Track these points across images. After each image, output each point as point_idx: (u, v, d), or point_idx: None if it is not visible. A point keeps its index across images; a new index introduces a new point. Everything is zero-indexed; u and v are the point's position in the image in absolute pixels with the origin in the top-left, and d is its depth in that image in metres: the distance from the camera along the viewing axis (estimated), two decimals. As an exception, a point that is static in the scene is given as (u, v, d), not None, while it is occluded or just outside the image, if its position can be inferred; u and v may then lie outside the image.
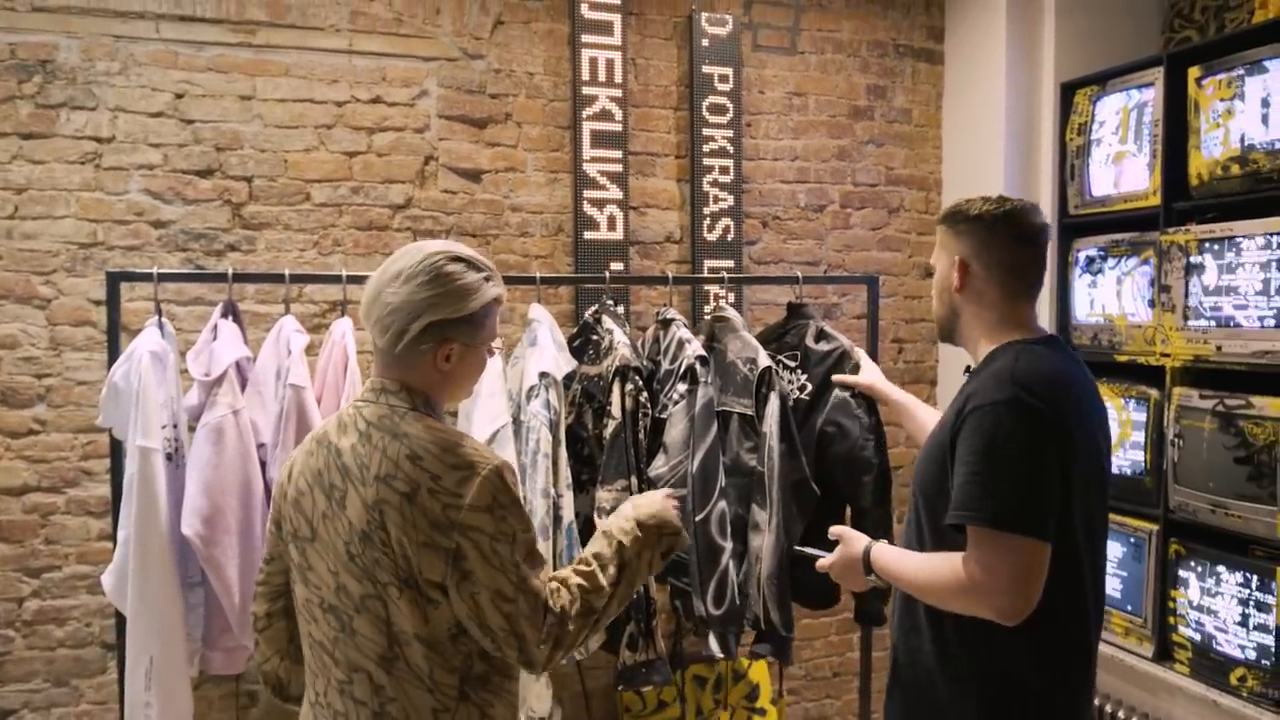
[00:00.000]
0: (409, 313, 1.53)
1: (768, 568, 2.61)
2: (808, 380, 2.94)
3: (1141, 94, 3.14)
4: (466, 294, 1.54)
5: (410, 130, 3.24)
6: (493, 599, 1.48)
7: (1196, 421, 2.89)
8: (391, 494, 1.48)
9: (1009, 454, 1.60)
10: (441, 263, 1.55)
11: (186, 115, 3.02)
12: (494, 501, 1.49)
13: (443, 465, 1.49)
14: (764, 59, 3.64)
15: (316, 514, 1.57)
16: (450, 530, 1.47)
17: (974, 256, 1.80)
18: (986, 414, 1.63)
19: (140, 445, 2.36)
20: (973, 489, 1.61)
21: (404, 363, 1.57)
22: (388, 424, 1.54)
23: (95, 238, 2.98)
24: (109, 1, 2.94)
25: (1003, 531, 1.58)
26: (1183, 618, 2.96)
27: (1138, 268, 3.17)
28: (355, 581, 1.51)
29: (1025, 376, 1.66)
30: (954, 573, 1.63)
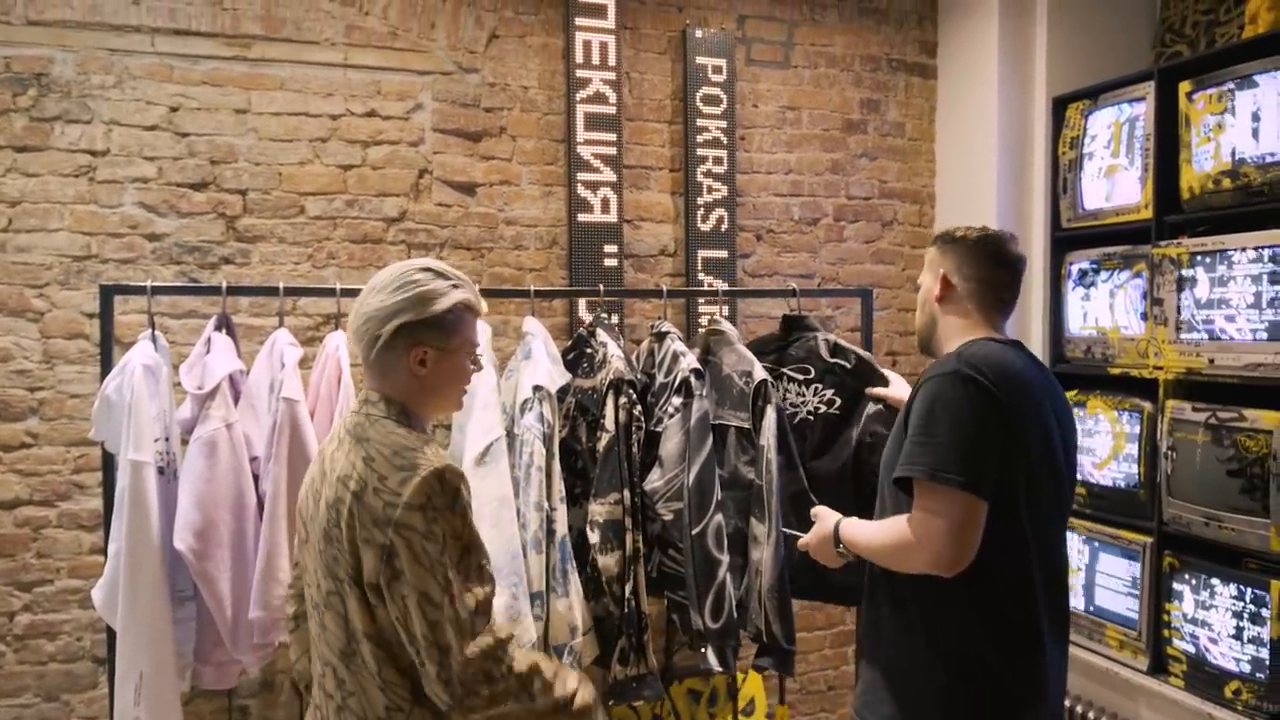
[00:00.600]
0: (381, 318, 1.62)
1: (768, 581, 2.60)
2: (835, 395, 2.90)
3: (1133, 108, 3.16)
4: (432, 297, 1.63)
5: (405, 144, 3.25)
6: (419, 602, 1.51)
7: (1189, 434, 2.89)
8: (345, 493, 1.57)
9: (947, 415, 1.76)
10: (410, 272, 1.66)
11: (181, 128, 3.03)
12: (428, 502, 1.53)
13: (390, 466, 1.56)
14: (757, 73, 3.66)
15: (309, 518, 1.68)
16: (386, 527, 1.52)
17: (955, 271, 2.01)
18: (930, 385, 1.81)
19: (132, 459, 2.35)
20: (913, 448, 1.77)
21: (382, 370, 1.66)
22: (358, 431, 1.63)
23: (89, 251, 2.97)
24: (105, 15, 2.94)
25: (938, 484, 1.73)
26: (1177, 630, 2.96)
27: (1130, 281, 3.18)
28: (324, 579, 1.60)
29: (969, 356, 1.83)
30: (899, 529, 1.80)
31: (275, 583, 2.42)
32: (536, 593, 2.58)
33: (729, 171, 3.56)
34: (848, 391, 2.86)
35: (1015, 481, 1.80)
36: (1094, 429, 3.29)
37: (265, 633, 2.44)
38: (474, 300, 1.70)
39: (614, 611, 2.65)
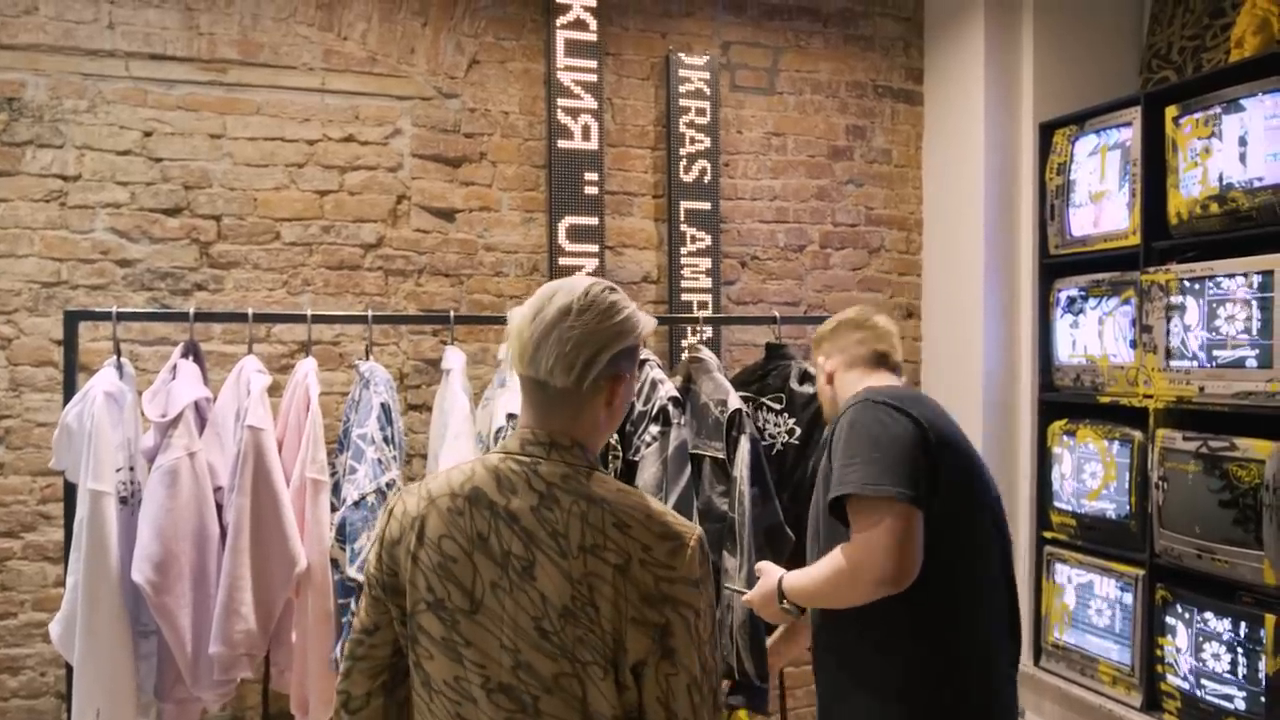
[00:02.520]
0: (597, 344, 1.42)
1: (739, 616, 2.53)
2: (796, 424, 2.87)
3: (1120, 133, 3.13)
4: (636, 324, 1.47)
5: (383, 169, 3.21)
6: (688, 685, 1.38)
7: (1181, 464, 2.83)
8: (603, 567, 1.36)
9: (868, 435, 1.78)
10: (605, 294, 1.47)
11: (155, 153, 2.99)
12: (702, 575, 1.40)
13: (650, 534, 1.38)
14: (742, 99, 3.63)
15: (481, 583, 1.40)
16: (662, 605, 1.36)
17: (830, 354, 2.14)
18: (844, 416, 1.85)
19: (91, 488, 2.29)
20: (841, 473, 1.77)
21: (578, 404, 1.43)
22: (576, 486, 1.40)
23: (59, 276, 2.93)
24: (79, 39, 2.92)
25: (867, 497, 1.73)
26: (1171, 666, 2.88)
27: (1119, 308, 3.13)
28: (548, 660, 1.36)
29: (874, 391, 1.89)
30: (838, 559, 1.78)
31: (237, 617, 2.35)
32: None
33: (713, 198, 3.52)
34: (805, 422, 2.80)
35: (947, 496, 1.81)
36: (1084, 459, 3.22)
37: (226, 669, 2.36)
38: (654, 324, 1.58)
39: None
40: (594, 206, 3.38)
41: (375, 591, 1.46)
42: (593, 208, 3.37)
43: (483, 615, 1.38)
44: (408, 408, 3.24)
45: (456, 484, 1.44)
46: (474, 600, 1.39)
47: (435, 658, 1.41)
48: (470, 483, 1.42)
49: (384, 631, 1.47)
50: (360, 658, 1.49)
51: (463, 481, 1.43)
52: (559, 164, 3.33)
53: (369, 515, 2.41)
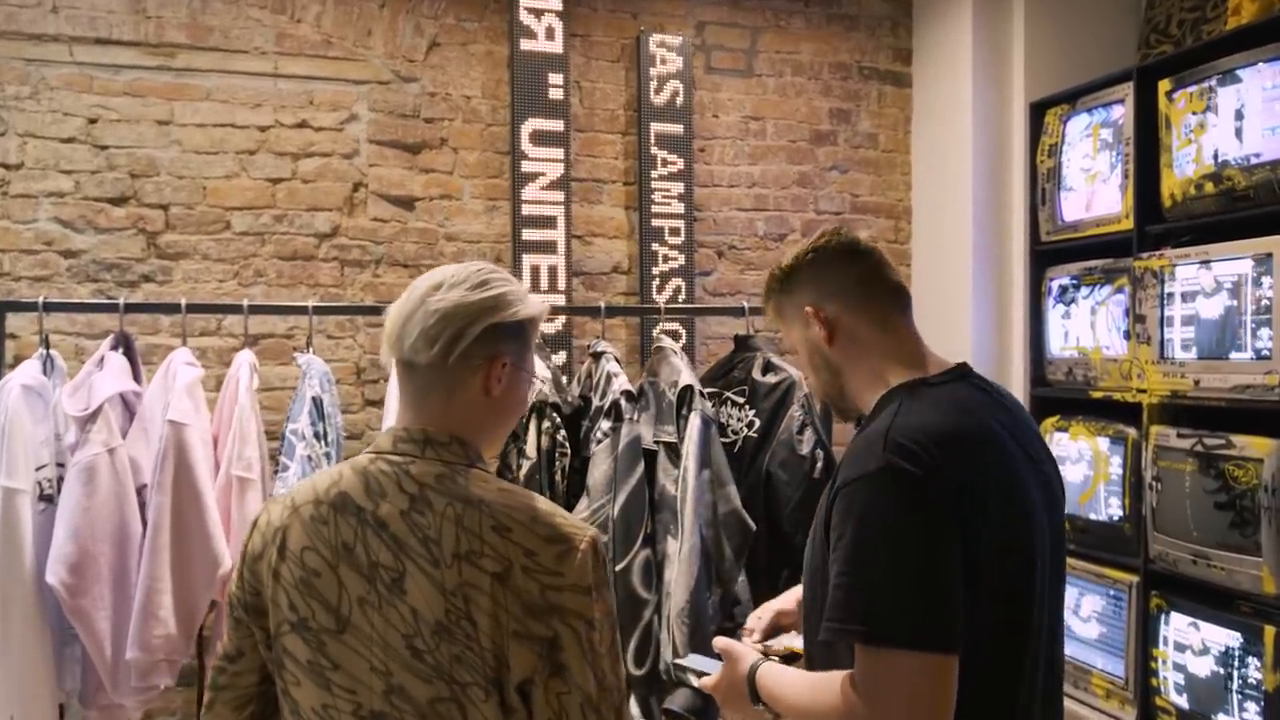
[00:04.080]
0: (466, 316, 1.29)
1: (678, 603, 2.35)
2: (755, 415, 2.73)
3: (1112, 111, 2.94)
4: (516, 300, 1.33)
5: (338, 155, 3.10)
6: (581, 705, 1.23)
7: (1175, 463, 2.64)
8: (480, 576, 1.22)
9: (883, 540, 1.26)
10: (484, 271, 1.35)
11: (100, 141, 2.90)
12: (595, 581, 1.25)
13: (534, 536, 1.24)
14: (718, 81, 3.48)
15: (348, 600, 1.27)
16: (549, 616, 1.22)
17: (823, 297, 1.47)
18: (855, 492, 1.29)
19: (3, 485, 2.19)
20: (842, 595, 1.27)
21: (450, 386, 1.30)
22: (452, 487, 1.26)
23: (1, 267, 2.84)
24: (21, 24, 2.84)
25: (884, 648, 1.24)
26: (1166, 680, 2.68)
27: (1111, 297, 2.94)
28: (422, 683, 1.23)
29: (905, 435, 1.29)
30: (838, 701, 1.30)
31: (156, 621, 2.24)
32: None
33: (686, 184, 3.37)
34: (766, 414, 2.65)
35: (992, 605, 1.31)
36: (1076, 458, 3.04)
37: (144, 675, 2.25)
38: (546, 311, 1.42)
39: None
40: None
41: (237, 613, 1.32)
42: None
43: (350, 635, 1.24)
44: (365, 403, 3.13)
45: (322, 489, 1.30)
46: (340, 618, 1.25)
47: (302, 684, 1.27)
48: (336, 487, 1.29)
49: (248, 658, 1.33)
50: (223, 687, 1.35)
51: (329, 486, 1.29)
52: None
53: (296, 514, 2.29)
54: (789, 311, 1.52)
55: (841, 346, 1.45)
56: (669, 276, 3.37)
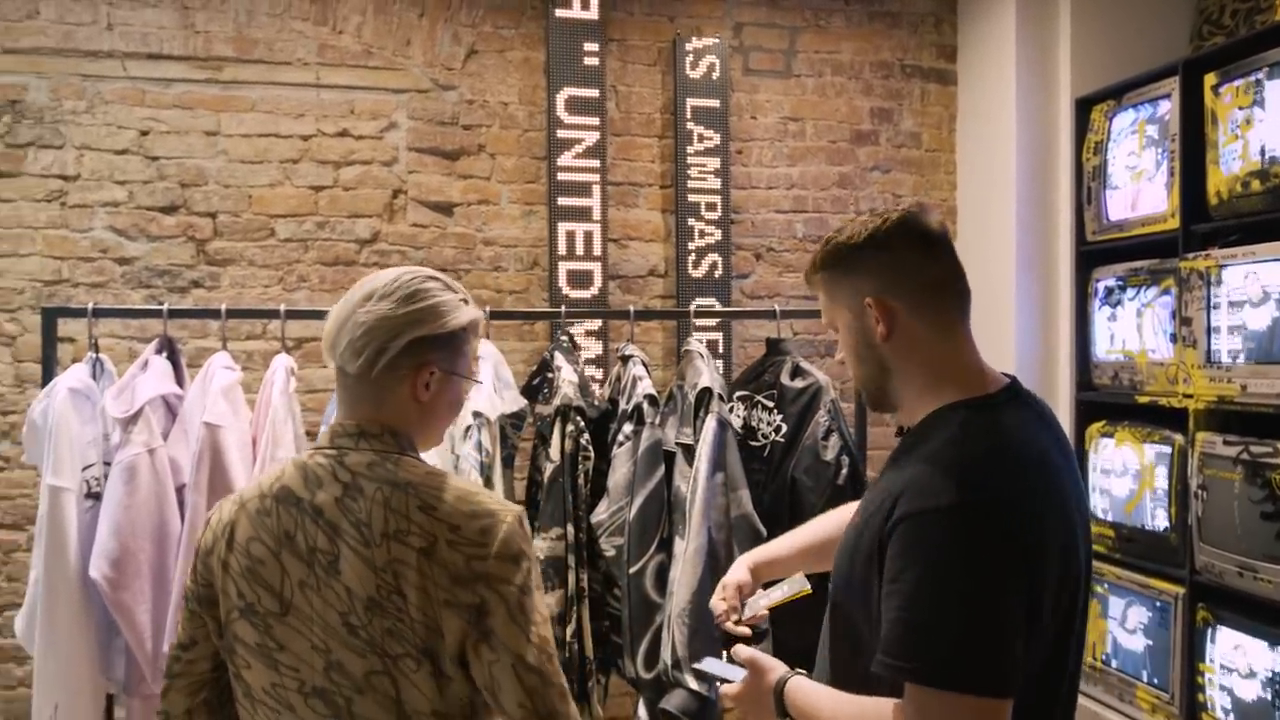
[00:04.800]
0: (389, 330, 1.36)
1: (680, 602, 2.34)
2: (782, 420, 2.72)
3: (1157, 106, 2.84)
4: (445, 312, 1.39)
5: (378, 163, 3.17)
6: (514, 667, 1.28)
7: (1221, 471, 2.54)
8: (407, 552, 1.30)
9: (955, 588, 1.20)
10: (417, 281, 1.41)
11: (151, 152, 3.02)
12: (521, 551, 1.32)
13: (460, 514, 1.32)
14: (756, 83, 3.46)
15: (290, 584, 1.34)
16: (475, 583, 1.29)
17: (889, 289, 1.35)
18: (925, 527, 1.22)
19: (50, 484, 2.30)
20: (906, 632, 1.22)
21: (379, 394, 1.38)
22: (382, 472, 1.34)
23: (60, 275, 2.99)
24: (78, 41, 2.97)
25: (943, 690, 1.19)
26: (1212, 696, 2.59)
27: (1158, 298, 2.84)
28: (358, 657, 1.31)
29: (976, 465, 1.24)
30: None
31: (191, 615, 2.32)
32: (469, 633, 2.41)
33: (723, 187, 3.36)
34: (793, 419, 2.62)
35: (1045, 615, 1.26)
36: (1122, 465, 2.94)
37: (181, 667, 2.33)
38: (479, 320, 1.48)
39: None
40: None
41: (191, 605, 1.40)
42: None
43: (293, 617, 1.33)
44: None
45: (266, 485, 1.39)
46: (283, 602, 1.33)
47: (253, 666, 1.35)
48: (279, 482, 1.38)
49: (201, 646, 1.41)
50: (178, 674, 1.43)
51: (272, 482, 1.39)
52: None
53: (325, 514, 2.35)
54: (842, 292, 1.40)
55: (897, 346, 1.36)
56: (705, 278, 3.36)
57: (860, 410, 2.89)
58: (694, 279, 3.35)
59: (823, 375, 2.70)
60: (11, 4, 2.93)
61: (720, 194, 3.37)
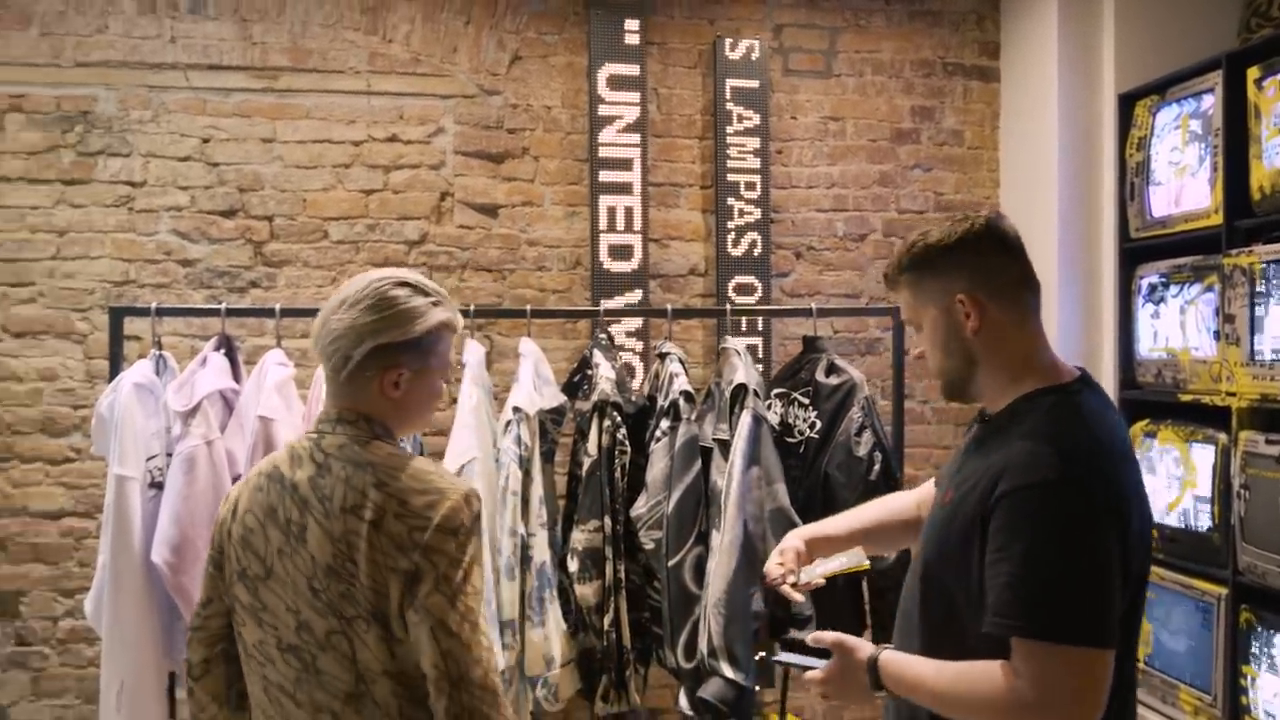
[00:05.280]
0: (353, 338, 1.49)
1: (715, 593, 2.40)
2: (817, 417, 2.76)
3: (1201, 101, 2.81)
4: (411, 318, 1.50)
5: (426, 167, 3.28)
6: (433, 630, 1.40)
7: (1264, 470, 2.51)
8: (359, 524, 1.44)
9: (1063, 550, 1.34)
10: (386, 287, 1.51)
11: (212, 159, 3.17)
12: (461, 526, 1.44)
13: (411, 490, 1.45)
14: (796, 83, 3.49)
15: (270, 551, 1.51)
16: (413, 551, 1.42)
17: (979, 287, 1.48)
18: (1031, 500, 1.36)
19: (116, 473, 2.44)
20: (1019, 594, 1.34)
21: (353, 390, 1.52)
22: (349, 453, 1.49)
23: (128, 276, 3.14)
24: (144, 54, 3.12)
25: (1064, 644, 1.33)
26: (1256, 698, 2.56)
27: (1201, 295, 2.81)
28: (319, 618, 1.46)
29: (1071, 443, 1.39)
30: (999, 689, 1.36)
31: (246, 599, 2.45)
32: (508, 621, 2.50)
33: (763, 186, 3.40)
34: (827, 415, 2.66)
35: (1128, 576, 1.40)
36: (1165, 463, 2.91)
37: (235, 649, 2.46)
38: (454, 318, 1.57)
39: (596, 645, 2.54)
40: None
41: (209, 568, 1.59)
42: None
43: (273, 580, 1.49)
44: (450, 401, 3.29)
45: (265, 465, 1.57)
46: (266, 567, 1.50)
47: (246, 624, 1.53)
48: (273, 462, 1.55)
49: (216, 604, 1.60)
50: (198, 628, 1.63)
51: (269, 462, 1.57)
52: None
53: (371, 505, 2.46)
54: (930, 290, 1.51)
55: (984, 339, 1.48)
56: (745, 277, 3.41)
57: (898, 408, 2.91)
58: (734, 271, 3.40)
59: (857, 373, 2.73)
60: (82, 19, 3.09)
61: (760, 194, 3.40)
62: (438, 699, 1.41)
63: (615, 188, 3.33)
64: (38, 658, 3.12)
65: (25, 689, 3.12)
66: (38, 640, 3.12)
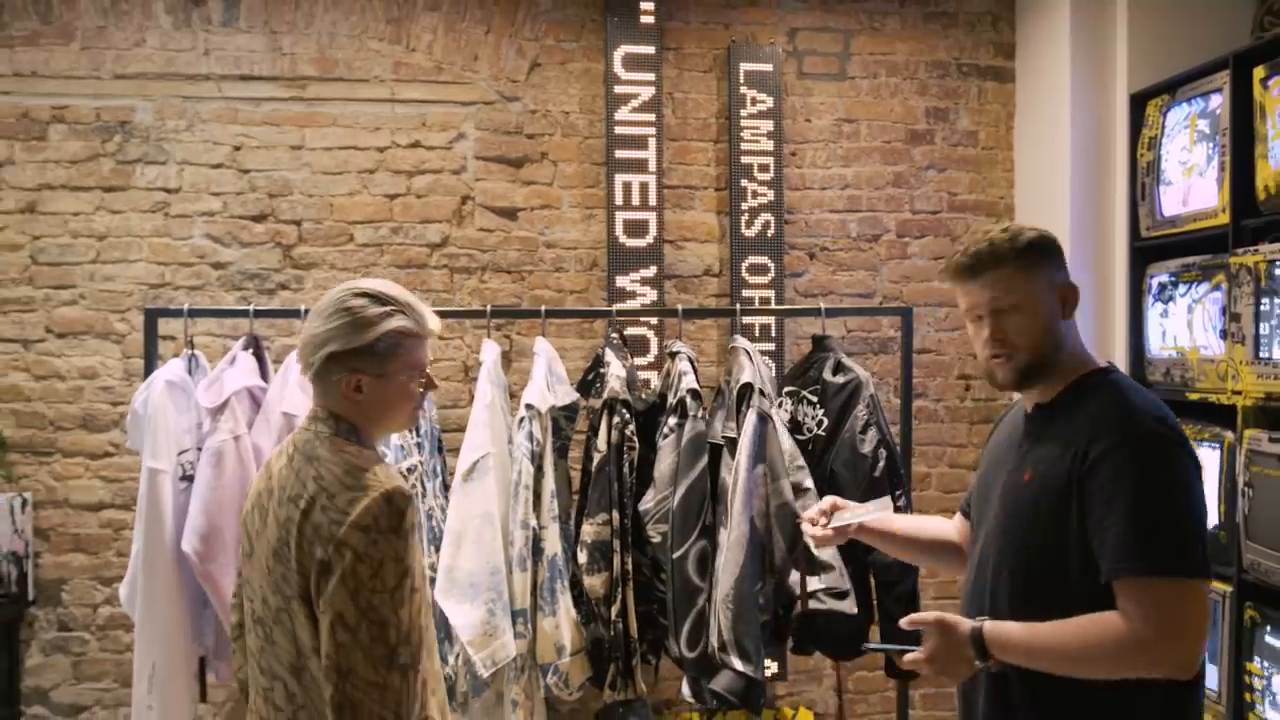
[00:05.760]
0: (313, 345, 1.62)
1: (723, 589, 2.46)
2: (824, 415, 2.81)
3: (1209, 101, 2.82)
4: (364, 326, 1.60)
5: (448, 172, 3.38)
6: (333, 622, 1.49)
7: (1267, 469, 2.52)
8: (295, 512, 1.57)
9: (1169, 495, 1.52)
10: (346, 297, 1.63)
11: (243, 165, 3.30)
12: (373, 523, 1.53)
13: (340, 485, 1.56)
14: (810, 86, 3.54)
15: (254, 532, 1.67)
16: (328, 544, 1.52)
17: (1067, 280, 1.71)
18: (1131, 456, 1.52)
19: (149, 466, 2.57)
20: (1136, 539, 1.50)
21: (323, 392, 1.65)
22: (308, 449, 1.63)
23: (164, 279, 3.29)
24: (179, 66, 3.26)
25: (1178, 578, 1.50)
26: (1261, 695, 2.57)
27: (1208, 294, 2.82)
28: (272, 595, 1.60)
29: (1154, 406, 1.60)
30: (1117, 631, 1.50)
31: (270, 587, 2.57)
32: (520, 610, 2.58)
33: (776, 188, 3.46)
34: (834, 413, 2.71)
35: None
36: (1174, 461, 2.93)
37: (261, 634, 2.58)
38: (413, 326, 1.66)
39: (604, 634, 2.62)
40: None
41: (243, 544, 1.75)
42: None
43: (254, 558, 1.66)
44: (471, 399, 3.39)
45: (271, 456, 1.72)
46: (252, 546, 1.67)
47: (242, 595, 1.72)
48: (274, 452, 1.72)
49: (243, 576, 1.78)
50: (235, 595, 1.82)
51: (274, 452, 1.73)
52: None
53: (389, 497, 2.56)
54: (1036, 278, 1.67)
55: (1067, 325, 1.69)
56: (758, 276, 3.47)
57: (906, 406, 2.96)
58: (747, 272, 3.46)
59: (863, 371, 2.78)
60: (121, 34, 3.24)
61: (774, 196, 3.46)
62: (325, 687, 1.51)
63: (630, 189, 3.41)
64: (78, 643, 3.28)
65: (67, 672, 3.28)
66: (79, 626, 3.27)
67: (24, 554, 3.23)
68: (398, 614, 1.52)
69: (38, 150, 3.23)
